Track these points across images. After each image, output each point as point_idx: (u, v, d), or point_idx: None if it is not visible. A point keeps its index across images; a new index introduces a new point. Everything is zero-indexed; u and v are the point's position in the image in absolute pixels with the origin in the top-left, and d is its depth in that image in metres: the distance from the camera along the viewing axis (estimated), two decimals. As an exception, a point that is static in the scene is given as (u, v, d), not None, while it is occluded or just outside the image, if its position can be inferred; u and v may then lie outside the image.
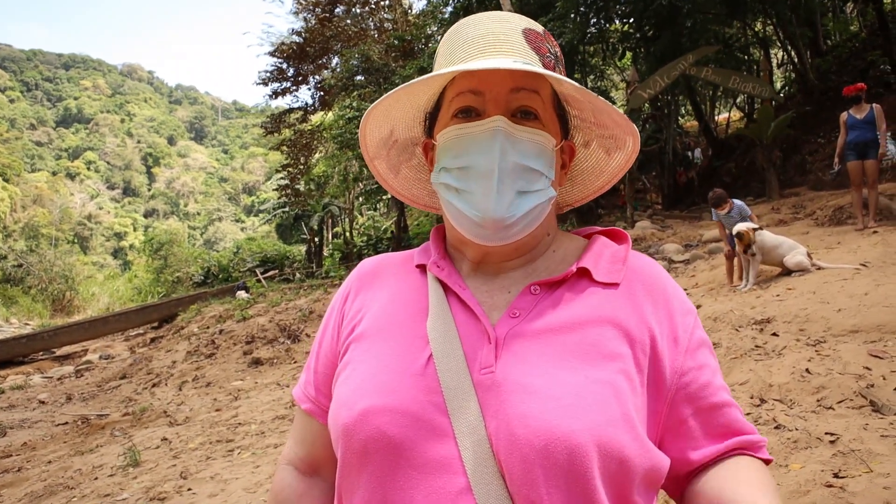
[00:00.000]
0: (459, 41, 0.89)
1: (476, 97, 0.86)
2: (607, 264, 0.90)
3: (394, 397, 0.79)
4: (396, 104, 0.93)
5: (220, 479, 4.41)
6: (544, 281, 0.87)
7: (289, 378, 7.74)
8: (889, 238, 7.21)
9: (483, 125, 0.84)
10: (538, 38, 0.90)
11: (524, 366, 0.78)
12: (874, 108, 7.97)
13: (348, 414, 0.80)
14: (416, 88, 0.87)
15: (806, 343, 4.29)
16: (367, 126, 0.95)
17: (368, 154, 1.01)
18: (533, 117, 0.87)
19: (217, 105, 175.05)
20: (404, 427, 0.77)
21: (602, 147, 1.00)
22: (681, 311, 0.88)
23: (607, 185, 1.04)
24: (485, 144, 0.83)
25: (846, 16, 19.37)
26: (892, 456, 2.66)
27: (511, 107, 0.85)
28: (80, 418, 7.67)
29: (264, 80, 28.90)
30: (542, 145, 0.86)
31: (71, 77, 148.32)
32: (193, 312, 15.44)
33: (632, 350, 0.81)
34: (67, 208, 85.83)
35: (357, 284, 1.00)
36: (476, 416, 0.76)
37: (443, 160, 0.88)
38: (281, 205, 35.23)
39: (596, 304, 0.84)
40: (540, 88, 0.87)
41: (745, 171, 16.44)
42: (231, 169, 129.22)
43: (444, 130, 0.88)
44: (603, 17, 16.69)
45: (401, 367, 0.82)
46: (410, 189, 1.08)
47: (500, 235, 0.84)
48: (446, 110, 0.90)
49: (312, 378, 0.99)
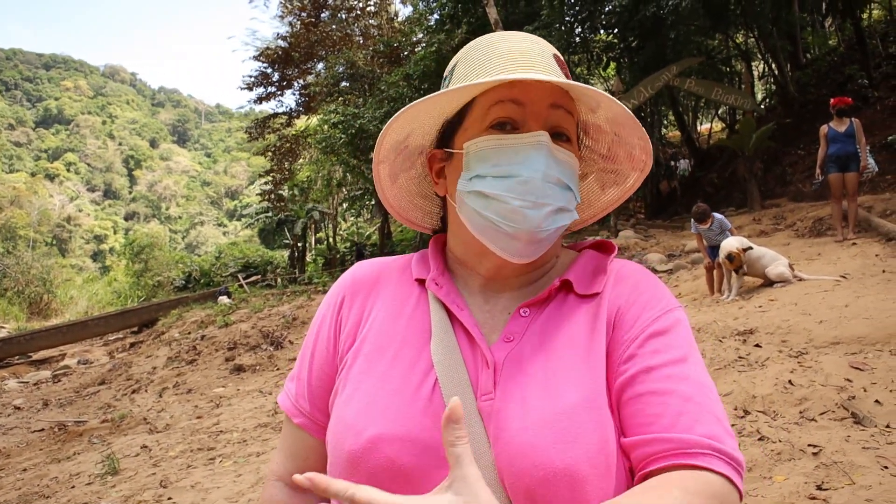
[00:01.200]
0: (493, 54, 0.87)
1: (517, 108, 0.85)
2: (590, 276, 0.90)
3: (403, 425, 0.78)
4: (427, 108, 0.89)
5: (201, 488, 4.35)
6: (532, 301, 0.87)
7: (271, 385, 7.68)
8: (868, 250, 7.33)
9: (528, 137, 0.83)
10: (564, 66, 0.92)
11: (521, 393, 0.78)
12: (854, 122, 8.11)
13: (355, 440, 0.78)
14: (462, 92, 0.85)
15: (788, 354, 4.34)
16: (393, 126, 0.90)
17: (378, 156, 0.97)
18: (566, 139, 0.87)
19: (200, 108, 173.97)
20: (415, 456, 0.76)
21: (598, 181, 1.01)
22: (656, 301, 0.85)
23: (591, 220, 1.04)
24: (530, 156, 0.82)
25: (825, 30, 19.71)
26: (874, 468, 2.69)
27: (549, 123, 0.85)
28: (56, 425, 7.54)
29: (249, 85, 28.77)
30: (574, 167, 0.87)
31: (51, 77, 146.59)
32: (174, 317, 15.28)
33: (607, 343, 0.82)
34: (46, 210, 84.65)
35: (351, 291, 0.96)
36: (483, 443, 0.76)
37: (476, 168, 0.86)
38: (264, 209, 35.04)
39: (580, 319, 0.85)
40: (573, 111, 0.89)
41: (727, 181, 16.64)
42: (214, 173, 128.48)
43: (481, 139, 0.86)
44: (588, 27, 16.86)
45: (407, 391, 0.81)
46: (401, 200, 1.04)
47: (529, 250, 0.84)
48: (479, 119, 0.87)
49: (305, 391, 0.94)
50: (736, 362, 4.41)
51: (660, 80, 13.89)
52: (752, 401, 3.69)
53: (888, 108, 12.76)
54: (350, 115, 18.68)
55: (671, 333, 0.82)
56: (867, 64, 13.97)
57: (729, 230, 7.76)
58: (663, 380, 0.76)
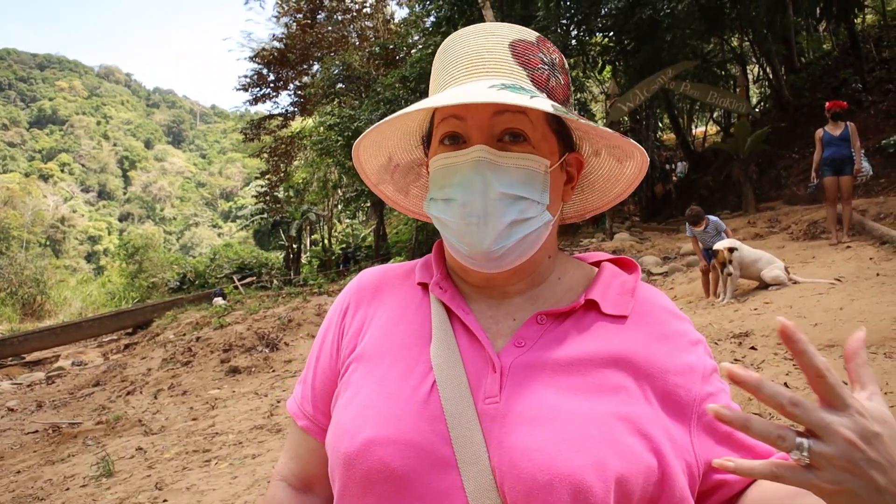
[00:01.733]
0: (447, 60, 0.86)
1: (459, 122, 0.83)
2: (616, 296, 0.88)
3: (397, 427, 0.77)
4: (384, 135, 0.90)
5: (197, 490, 4.34)
6: (551, 311, 0.85)
7: (267, 387, 7.66)
8: (862, 253, 7.37)
9: (465, 155, 0.81)
10: (528, 50, 0.85)
11: (529, 397, 0.77)
12: (849, 126, 8.16)
13: (350, 443, 0.78)
14: (399, 120, 0.84)
15: (784, 357, 4.36)
16: (361, 157, 0.93)
17: (371, 181, 0.99)
18: (522, 139, 0.82)
19: (196, 109, 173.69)
20: (408, 459, 0.75)
21: (612, 156, 0.96)
22: (690, 342, 0.86)
23: (625, 193, 1.00)
24: (467, 176, 0.80)
25: (819, 34, 19.82)
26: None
27: (496, 131, 0.82)
28: (51, 426, 7.50)
29: (244, 86, 28.80)
30: (531, 170, 0.82)
31: (46, 77, 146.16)
32: (169, 319, 15.22)
33: (638, 384, 0.79)
34: (40, 210, 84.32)
35: (356, 297, 0.97)
36: (480, 447, 0.75)
37: (431, 190, 0.87)
38: (259, 211, 35.01)
39: (603, 338, 0.82)
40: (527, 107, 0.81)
41: (721, 184, 16.70)
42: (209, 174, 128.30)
43: (433, 158, 0.86)
44: (584, 29, 16.92)
45: (404, 393, 0.80)
46: (422, 207, 1.04)
47: (491, 265, 0.82)
48: (435, 135, 0.87)
49: (309, 394, 0.96)
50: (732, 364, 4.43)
51: (655, 84, 13.94)
52: (748, 403, 3.71)
53: (882, 113, 12.83)
54: (346, 117, 18.68)
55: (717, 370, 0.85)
56: (861, 68, 14.06)
57: (724, 232, 7.79)
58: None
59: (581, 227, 17.14)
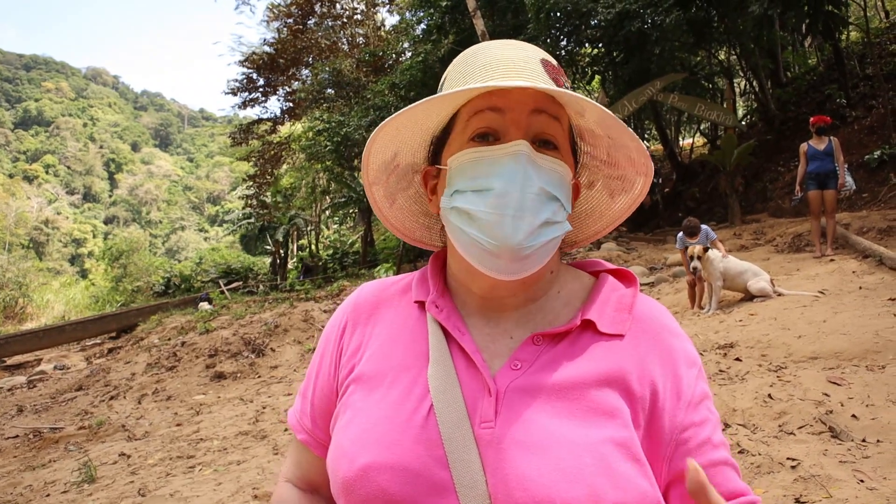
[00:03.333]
0: (477, 65, 0.84)
1: (496, 115, 0.82)
2: (613, 312, 0.87)
3: (394, 452, 0.77)
4: (407, 124, 0.87)
5: (181, 497, 4.30)
6: (547, 332, 0.84)
7: (252, 393, 7.61)
8: (845, 266, 7.45)
9: (505, 148, 0.79)
10: (555, 70, 0.86)
11: (524, 423, 0.77)
12: (832, 141, 8.28)
13: (349, 468, 0.79)
14: (435, 105, 0.83)
15: (768, 369, 4.40)
16: (374, 145, 0.89)
17: (368, 178, 0.96)
18: (552, 147, 0.83)
19: (183, 113, 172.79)
20: (405, 484, 0.75)
21: (606, 189, 0.96)
22: (686, 364, 0.85)
23: (604, 231, 1.00)
24: (507, 167, 0.79)
25: (805, 50, 20.10)
26: (851, 482, 2.74)
27: (532, 130, 0.82)
28: (31, 431, 7.41)
29: (233, 90, 28.71)
30: (563, 176, 0.83)
31: (32, 78, 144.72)
32: (154, 323, 15.09)
33: (631, 407, 0.79)
34: (23, 212, 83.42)
35: (354, 316, 0.97)
36: (478, 472, 0.75)
37: (456, 183, 0.83)
38: (246, 215, 34.83)
39: (598, 359, 0.82)
40: (560, 116, 0.84)
41: (708, 196, 16.86)
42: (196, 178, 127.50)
43: (460, 153, 0.83)
44: (573, 40, 17.02)
45: (401, 417, 0.80)
46: (404, 221, 1.03)
47: (514, 267, 0.80)
48: (461, 132, 0.85)
49: (309, 409, 0.97)
50: (717, 375, 4.46)
51: (644, 95, 14.07)
52: (732, 414, 3.74)
53: (865, 128, 13.03)
54: (335, 123, 18.68)
55: (707, 397, 0.86)
56: (845, 84, 14.27)
57: (713, 241, 7.83)
58: (713, 450, 0.82)
59: (568, 237, 17.21)
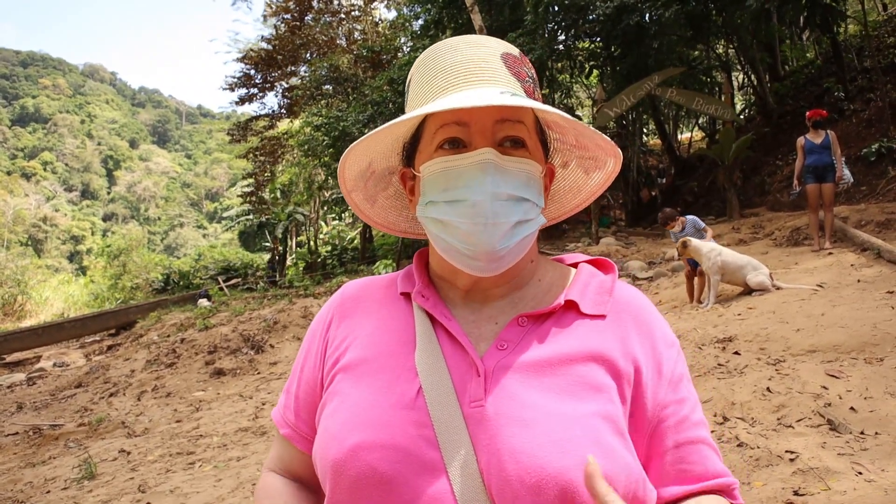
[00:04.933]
0: (437, 69, 0.87)
1: (461, 128, 0.84)
2: (594, 295, 0.90)
3: (384, 432, 0.78)
4: (375, 137, 0.90)
5: (181, 493, 4.31)
6: (532, 313, 0.87)
7: (252, 389, 7.62)
8: (843, 259, 7.46)
9: (471, 157, 0.82)
10: (517, 63, 0.89)
11: (513, 399, 0.78)
12: (829, 134, 8.27)
13: (338, 449, 0.79)
14: (400, 126, 0.86)
15: (766, 362, 4.40)
16: (347, 162, 0.93)
17: (346, 187, 0.98)
18: (521, 145, 0.85)
19: (181, 109, 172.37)
20: (395, 463, 0.76)
21: (581, 167, 0.99)
22: (665, 343, 0.89)
23: (584, 203, 1.03)
24: (475, 177, 0.81)
25: (803, 43, 20.07)
26: (849, 474, 2.74)
27: (497, 137, 0.84)
28: (31, 428, 7.41)
29: (231, 86, 28.65)
30: (531, 174, 0.85)
31: (29, 75, 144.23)
32: (153, 320, 15.09)
33: (616, 383, 0.81)
34: (21, 209, 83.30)
35: (340, 310, 0.98)
36: (468, 450, 0.76)
37: (429, 194, 0.86)
38: (245, 212, 34.82)
39: (583, 337, 0.85)
40: (524, 117, 0.86)
41: (706, 190, 16.86)
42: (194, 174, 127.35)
43: (430, 163, 0.86)
44: (572, 34, 17.00)
45: (390, 400, 0.81)
46: (387, 217, 1.06)
47: (492, 266, 0.84)
48: (429, 142, 0.87)
49: (293, 403, 0.98)
50: (715, 369, 4.47)
51: (642, 89, 14.04)
52: (731, 407, 3.75)
53: (863, 121, 13.02)
54: (333, 118, 18.64)
55: (686, 377, 0.89)
56: (843, 77, 14.25)
57: (702, 230, 7.83)
58: (693, 427, 0.85)
59: (567, 232, 17.23)
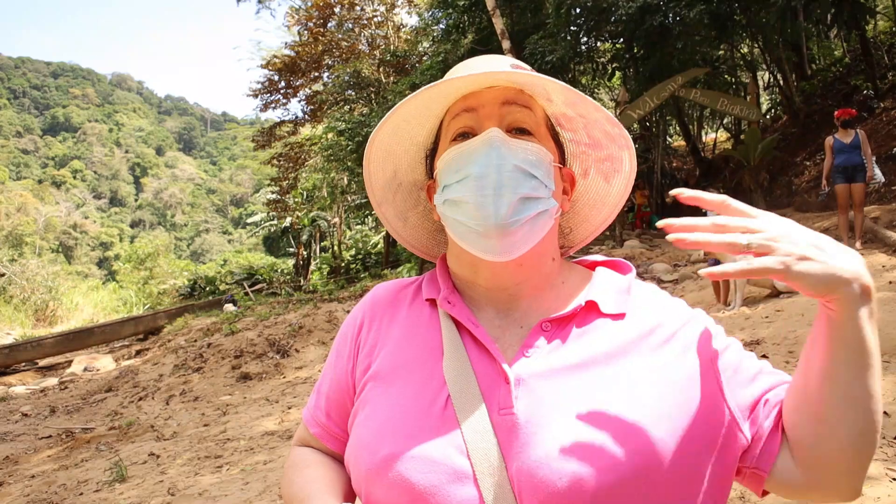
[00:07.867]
0: (449, 77, 0.90)
1: (471, 115, 0.90)
2: (613, 295, 0.92)
3: (415, 442, 0.79)
4: (396, 138, 0.95)
5: (209, 496, 4.36)
6: (555, 318, 0.88)
7: (278, 393, 7.69)
8: (874, 260, 7.31)
9: (478, 138, 0.87)
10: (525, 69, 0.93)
11: (542, 406, 0.79)
12: (859, 133, 8.12)
13: (371, 459, 0.81)
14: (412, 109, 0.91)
15: (795, 365, 4.33)
16: (371, 163, 0.97)
17: (375, 198, 1.03)
18: (527, 133, 0.90)
19: (206, 116, 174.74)
20: (426, 473, 0.77)
21: (600, 174, 1.02)
22: (690, 316, 0.91)
23: (611, 217, 1.05)
24: (481, 153, 0.86)
25: (830, 41, 19.73)
26: (884, 480, 2.69)
27: (505, 121, 0.89)
28: (64, 432, 7.56)
29: (255, 92, 28.92)
30: (537, 154, 0.89)
31: (59, 85, 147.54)
32: (180, 325, 15.29)
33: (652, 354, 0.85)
34: (52, 217, 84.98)
35: (370, 314, 1.00)
36: (497, 458, 0.77)
37: (444, 179, 0.91)
38: (269, 218, 35.12)
39: (606, 337, 0.86)
40: (532, 106, 0.92)
41: (732, 191, 16.59)
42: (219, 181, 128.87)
43: (444, 153, 0.91)
44: (594, 36, 16.91)
45: (420, 409, 0.83)
46: (420, 238, 1.10)
47: (504, 245, 0.85)
48: (445, 138, 0.93)
49: (323, 403, 1.00)
50: (743, 373, 4.41)
51: (665, 91, 13.92)
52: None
53: (894, 119, 12.76)
54: (356, 123, 18.73)
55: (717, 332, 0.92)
56: (873, 75, 13.98)
57: None
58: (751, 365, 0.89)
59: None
